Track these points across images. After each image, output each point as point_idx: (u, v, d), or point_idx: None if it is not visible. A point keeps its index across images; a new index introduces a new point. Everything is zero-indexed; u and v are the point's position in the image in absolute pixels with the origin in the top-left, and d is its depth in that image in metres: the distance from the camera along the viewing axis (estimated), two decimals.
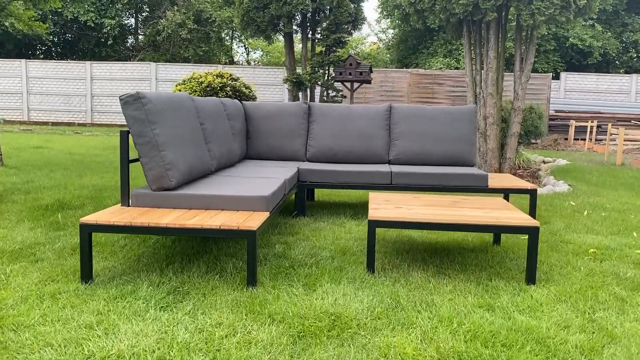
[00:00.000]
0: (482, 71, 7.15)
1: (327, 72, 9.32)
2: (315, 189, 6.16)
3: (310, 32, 9.48)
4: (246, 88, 11.88)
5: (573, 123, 16.40)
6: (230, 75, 11.99)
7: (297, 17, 9.06)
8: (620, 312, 2.80)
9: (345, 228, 4.51)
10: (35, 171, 7.56)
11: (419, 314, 2.69)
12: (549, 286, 3.15)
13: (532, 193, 4.77)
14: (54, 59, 23.97)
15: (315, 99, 11.17)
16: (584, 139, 14.78)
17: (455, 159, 5.32)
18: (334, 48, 9.06)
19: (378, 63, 22.92)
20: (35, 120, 19.56)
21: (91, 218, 3.03)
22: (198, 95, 11.33)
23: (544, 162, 11.70)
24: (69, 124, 19.42)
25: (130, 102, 3.27)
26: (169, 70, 19.06)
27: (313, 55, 9.37)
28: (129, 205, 3.39)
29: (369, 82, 9.03)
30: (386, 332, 2.48)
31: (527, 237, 3.64)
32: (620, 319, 2.70)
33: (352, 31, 9.67)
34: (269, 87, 18.65)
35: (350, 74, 8.94)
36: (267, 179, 4.01)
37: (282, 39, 9.49)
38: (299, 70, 16.84)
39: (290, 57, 9.85)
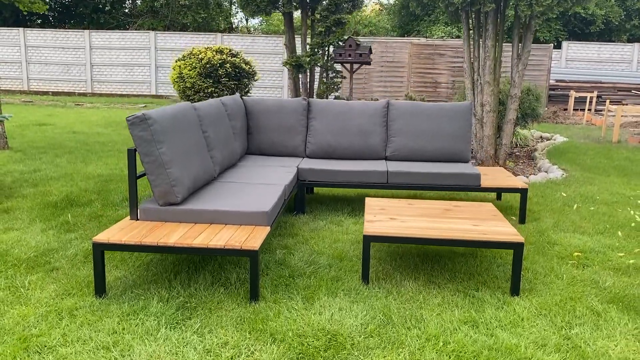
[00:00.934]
0: (480, 59, 7.22)
1: (326, 53, 9.35)
2: None
3: (310, 12, 9.47)
4: (246, 64, 11.92)
5: (573, 94, 16.43)
6: (230, 50, 12.01)
7: None
8: (595, 327, 3.03)
9: (342, 227, 4.71)
10: (40, 156, 7.73)
11: (408, 331, 2.93)
12: (531, 297, 3.38)
13: (523, 192, 4.96)
14: (51, 26, 23.77)
15: (315, 80, 11.21)
16: (584, 109, 14.84)
17: (451, 155, 5.49)
18: (334, 29, 9.07)
19: (379, 30, 22.72)
20: (35, 89, 19.57)
21: (103, 237, 3.23)
22: (198, 72, 11.39)
23: (541, 138, 11.85)
24: (69, 94, 19.43)
25: (137, 123, 3.43)
26: (167, 39, 18.95)
27: (313, 36, 9.39)
28: (137, 219, 3.59)
29: (368, 63, 9.08)
30: (377, 351, 2.72)
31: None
32: (593, 335, 2.94)
33: (353, 10, 9.65)
34: (268, 55, 18.57)
35: (349, 55, 8.98)
36: (267, 186, 4.20)
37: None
38: (299, 49, 16.76)
39: (290, 35, 9.86)
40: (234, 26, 25.82)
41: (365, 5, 24.66)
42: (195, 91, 11.50)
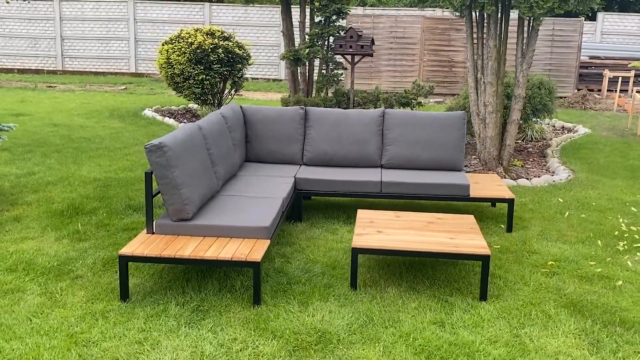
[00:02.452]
0: (483, 58, 8.49)
1: (326, 44, 10.61)
2: None
3: (309, 0, 10.72)
4: (239, 48, 13.22)
5: (607, 74, 17.61)
6: (222, 33, 13.30)
7: None
8: (543, 327, 4.37)
9: (337, 236, 6.06)
10: (28, 156, 9.07)
11: (385, 329, 4.27)
12: (497, 302, 4.72)
13: (510, 203, 6.29)
14: None
15: (315, 72, 12.46)
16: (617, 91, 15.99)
17: (444, 163, 6.81)
18: (334, 18, 10.33)
19: (389, 1, 23.88)
20: None
21: (128, 250, 4.58)
22: (188, 58, 12.68)
23: (563, 129, 13.13)
24: (37, 71, 20.72)
25: (154, 150, 4.76)
26: (148, 10, 20.17)
27: (311, 26, 10.65)
28: (153, 233, 4.94)
29: (370, 55, 10.35)
30: (358, 345, 4.07)
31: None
32: (539, 334, 4.28)
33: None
34: (263, 28, 19.79)
35: (350, 46, 10.25)
36: (267, 199, 5.53)
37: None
38: (297, 38, 17.94)
39: (287, 23, 11.11)
40: None
41: None
42: (184, 78, 12.80)
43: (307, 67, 11.07)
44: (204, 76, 12.58)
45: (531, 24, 8.26)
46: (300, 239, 5.98)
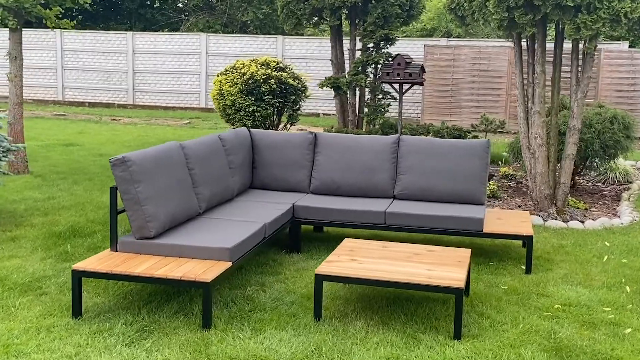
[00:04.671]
0: (531, 87, 8.41)
1: (375, 72, 10.83)
2: None
3: (362, 25, 11.00)
4: (294, 79, 13.65)
5: None
6: (278, 63, 13.81)
7: (343, 9, 10.61)
8: None
9: None
10: (59, 182, 9.76)
11: None
12: (471, 343, 4.64)
13: (528, 240, 6.15)
14: (94, 23, 26.96)
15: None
16: None
17: (463, 196, 6.76)
18: (382, 45, 10.55)
19: (477, 31, 23.81)
20: (70, 100, 22.48)
21: (80, 265, 4.89)
22: (239, 89, 13.22)
23: None
24: (107, 105, 22.15)
25: (118, 164, 5.10)
26: (221, 43, 21.21)
27: (358, 53, 10.92)
28: (117, 250, 5.25)
29: (420, 83, 10.46)
30: None
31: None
32: None
33: (408, 22, 11.08)
34: (323, 61, 20.09)
35: (398, 74, 10.41)
36: (246, 223, 5.73)
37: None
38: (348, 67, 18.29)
39: (337, 51, 11.44)
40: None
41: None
42: (236, 109, 13.35)
43: (356, 98, 11.30)
44: (255, 107, 13.05)
45: (586, 49, 8.12)
46: (288, 269, 6.11)
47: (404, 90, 10.56)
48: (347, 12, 10.87)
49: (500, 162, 12.57)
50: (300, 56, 20.54)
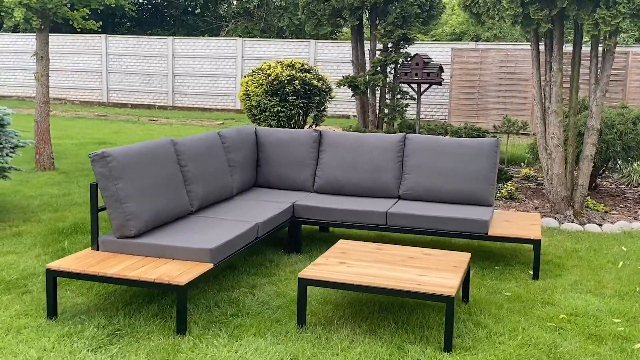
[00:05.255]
0: (548, 86, 7.71)
1: (393, 71, 10.22)
2: None
3: (379, 27, 10.41)
4: (319, 81, 13.10)
5: None
6: (303, 65, 13.28)
7: (363, 9, 10.04)
8: None
9: None
10: (80, 179, 9.39)
11: None
12: (462, 355, 4.04)
13: (536, 244, 5.50)
14: (139, 29, 26.84)
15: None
16: None
17: (470, 197, 6.13)
18: (400, 44, 9.92)
19: (506, 35, 22.90)
20: (114, 101, 22.33)
21: (55, 264, 4.43)
22: (264, 90, 12.74)
23: None
24: (149, 107, 21.92)
25: (97, 160, 4.63)
26: (255, 47, 20.79)
27: (378, 53, 10.32)
28: (98, 250, 4.78)
29: (438, 83, 9.81)
30: None
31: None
32: None
33: (428, 22, 10.44)
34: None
35: (416, 74, 9.79)
36: (237, 222, 5.21)
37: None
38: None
39: (358, 51, 10.86)
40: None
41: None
42: (261, 110, 12.88)
43: (376, 98, 10.71)
44: (279, 108, 12.56)
45: (605, 45, 7.40)
46: (284, 270, 5.58)
47: (422, 90, 9.93)
48: (367, 12, 10.30)
49: (522, 164, 11.85)
50: (332, 59, 19.98)
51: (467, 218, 5.65)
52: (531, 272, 5.67)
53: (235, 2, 26.42)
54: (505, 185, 9.04)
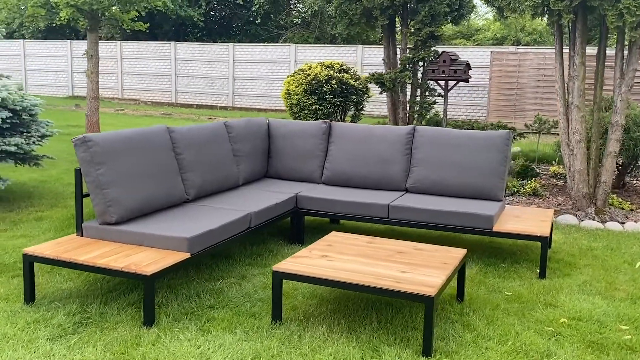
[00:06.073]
0: (571, 80, 6.81)
1: (422, 69, 9.42)
2: None
3: (409, 26, 9.63)
4: (356, 80, 12.38)
5: None
6: (341, 66, 12.59)
7: (393, 9, 9.28)
8: None
9: None
10: None
11: None
12: (442, 359, 3.31)
13: (542, 241, 4.68)
14: (209, 38, 26.69)
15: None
16: None
17: (478, 191, 5.34)
18: (428, 42, 9.11)
19: (545, 40, 21.51)
20: (182, 102, 22.17)
21: (31, 249, 3.93)
22: (303, 89, 12.13)
23: None
24: (211, 107, 21.66)
25: (79, 144, 4.11)
26: (307, 52, 20.22)
27: (403, 50, 9.54)
28: (82, 235, 4.26)
29: (465, 80, 8.96)
30: None
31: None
32: None
33: (458, 21, 9.58)
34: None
35: (443, 71, 8.97)
36: (229, 211, 4.60)
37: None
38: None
39: (389, 51, 10.11)
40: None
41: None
42: (300, 108, 12.29)
43: (407, 96, 9.93)
44: (317, 106, 11.93)
45: (631, 37, 6.44)
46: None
47: (449, 88, 9.10)
48: (400, 11, 9.52)
49: (554, 162, 10.85)
50: (378, 63, 19.18)
51: (471, 212, 4.88)
52: (538, 271, 4.85)
53: (295, 12, 25.92)
54: (529, 182, 8.14)
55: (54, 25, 10.49)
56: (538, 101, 16.04)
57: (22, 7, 9.57)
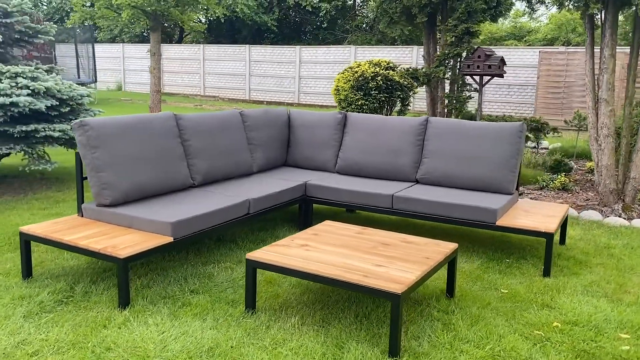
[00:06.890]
0: (601, 73, 5.95)
1: (457, 64, 8.68)
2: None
3: (447, 23, 8.89)
4: (401, 77, 11.69)
5: None
6: (388, 63, 11.93)
7: (430, 7, 8.58)
8: None
9: None
10: None
11: None
12: None
13: (548, 238, 3.98)
14: (280, 42, 26.49)
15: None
16: None
17: (488, 184, 4.68)
18: (464, 38, 8.35)
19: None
20: (254, 99, 22.07)
21: (26, 228, 3.65)
22: (351, 85, 11.58)
23: None
24: (279, 104, 21.43)
25: (76, 128, 3.79)
26: (366, 53, 19.60)
27: (443, 47, 8.81)
28: (82, 216, 3.96)
29: (500, 75, 8.15)
30: None
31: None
32: None
33: (496, 18, 8.74)
34: None
35: (478, 67, 8.19)
36: (228, 197, 4.18)
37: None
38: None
39: (428, 47, 9.41)
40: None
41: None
42: (348, 103, 11.76)
43: (446, 89, 9.21)
44: (363, 102, 11.36)
45: None
46: None
47: (483, 83, 8.32)
48: (439, 8, 8.81)
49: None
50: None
51: (475, 206, 4.23)
52: (543, 267, 4.15)
53: (357, 17, 25.27)
54: (558, 176, 7.28)
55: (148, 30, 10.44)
56: (585, 99, 14.75)
57: (117, 14, 9.49)
